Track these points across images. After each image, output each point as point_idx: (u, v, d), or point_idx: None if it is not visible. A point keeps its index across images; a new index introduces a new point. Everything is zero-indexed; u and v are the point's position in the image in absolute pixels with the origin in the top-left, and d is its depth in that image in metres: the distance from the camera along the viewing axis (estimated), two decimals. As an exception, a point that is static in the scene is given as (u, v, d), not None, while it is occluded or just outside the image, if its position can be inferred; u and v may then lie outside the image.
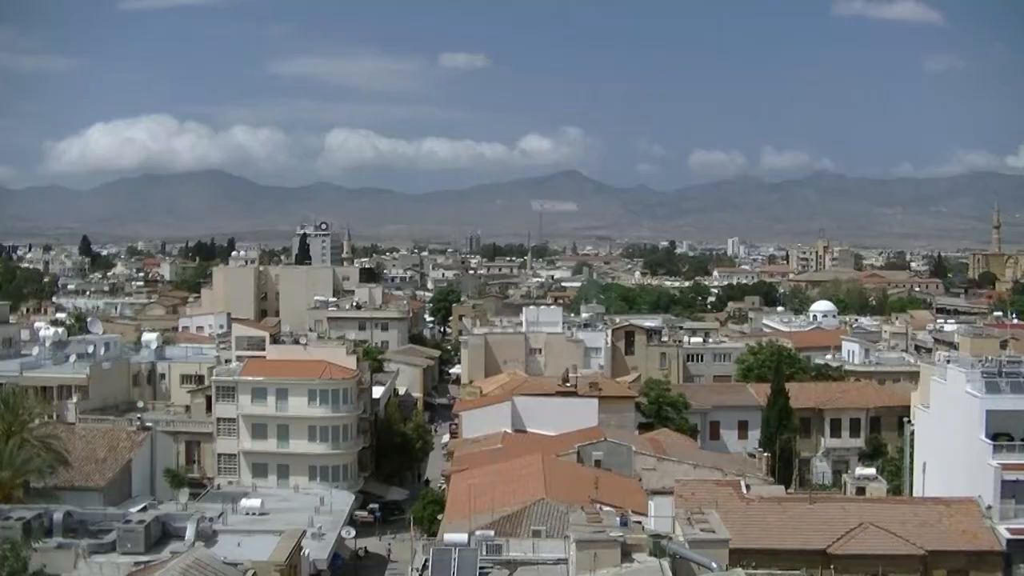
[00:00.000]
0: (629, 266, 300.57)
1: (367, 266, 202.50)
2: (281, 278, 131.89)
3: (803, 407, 69.97)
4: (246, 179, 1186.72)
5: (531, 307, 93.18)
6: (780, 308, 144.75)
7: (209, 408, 64.91)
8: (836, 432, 70.65)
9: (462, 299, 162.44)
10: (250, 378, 63.49)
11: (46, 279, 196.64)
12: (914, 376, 67.32)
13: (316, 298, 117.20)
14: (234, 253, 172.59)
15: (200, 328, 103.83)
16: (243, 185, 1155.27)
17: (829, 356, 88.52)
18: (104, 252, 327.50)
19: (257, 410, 63.07)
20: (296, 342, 71.96)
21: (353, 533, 52.59)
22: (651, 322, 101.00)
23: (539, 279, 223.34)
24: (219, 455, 63.78)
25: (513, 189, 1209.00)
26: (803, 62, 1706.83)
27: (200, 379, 72.08)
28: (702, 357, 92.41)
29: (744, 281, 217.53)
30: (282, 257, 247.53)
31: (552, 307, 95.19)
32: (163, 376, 75.36)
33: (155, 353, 77.54)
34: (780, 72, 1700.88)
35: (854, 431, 70.48)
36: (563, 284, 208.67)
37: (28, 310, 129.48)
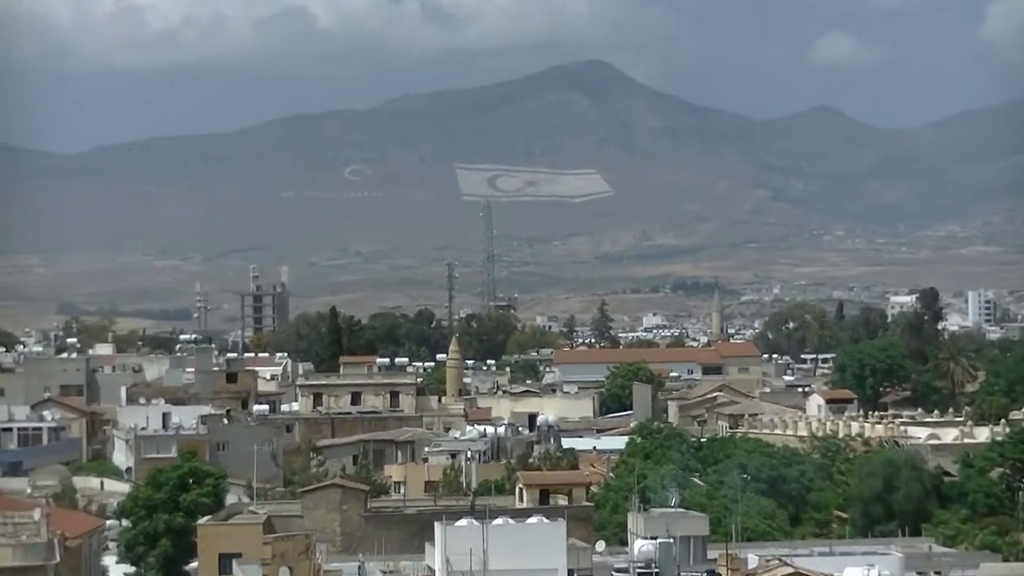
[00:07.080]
0: (764, 373, 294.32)
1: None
2: None
3: None
4: None
5: (460, 523, 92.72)
6: None
7: None
8: None
9: (230, 503, 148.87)
10: None
11: None
12: None
13: None
14: None
15: None
16: None
17: None
18: None
19: None
20: None
21: None
22: (862, 568, 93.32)
23: (485, 428, 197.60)
24: None
25: (408, 132, 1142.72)
26: None
27: None
28: None
29: None
30: None
31: (539, 521, 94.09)
32: None
33: None
34: None
35: None
36: (562, 435, 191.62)
37: None
